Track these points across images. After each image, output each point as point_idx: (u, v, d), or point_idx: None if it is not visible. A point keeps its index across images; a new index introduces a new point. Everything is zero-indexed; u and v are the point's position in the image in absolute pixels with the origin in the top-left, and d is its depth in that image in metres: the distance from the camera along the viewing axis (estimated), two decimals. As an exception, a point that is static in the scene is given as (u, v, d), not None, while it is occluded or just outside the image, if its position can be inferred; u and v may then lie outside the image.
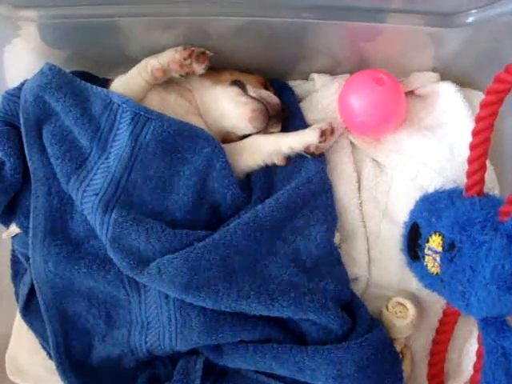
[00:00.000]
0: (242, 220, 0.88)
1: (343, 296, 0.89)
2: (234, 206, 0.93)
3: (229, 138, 1.00)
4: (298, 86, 1.07)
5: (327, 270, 0.90)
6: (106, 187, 0.87)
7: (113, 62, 1.04)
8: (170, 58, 0.92)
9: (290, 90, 1.07)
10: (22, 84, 0.96)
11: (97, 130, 0.91)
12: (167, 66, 0.93)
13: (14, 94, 0.94)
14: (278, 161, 0.96)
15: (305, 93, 1.05)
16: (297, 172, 0.96)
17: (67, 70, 1.03)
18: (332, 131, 0.94)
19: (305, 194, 0.92)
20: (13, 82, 0.98)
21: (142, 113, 0.89)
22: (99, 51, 1.03)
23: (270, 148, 0.95)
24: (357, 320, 0.88)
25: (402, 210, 0.90)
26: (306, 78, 1.07)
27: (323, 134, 0.92)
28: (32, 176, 0.94)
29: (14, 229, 0.98)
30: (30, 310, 0.99)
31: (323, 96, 1.00)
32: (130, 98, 0.90)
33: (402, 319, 0.88)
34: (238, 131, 0.97)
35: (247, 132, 0.96)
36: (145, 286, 0.89)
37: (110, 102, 0.91)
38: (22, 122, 0.93)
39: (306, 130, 0.94)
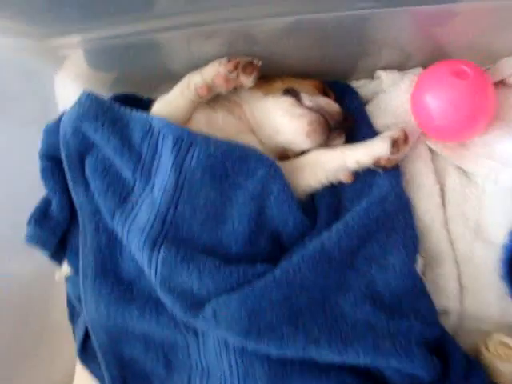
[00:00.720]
0: (306, 251, 0.76)
1: (431, 335, 0.75)
2: (297, 233, 0.81)
3: (286, 154, 0.88)
4: (362, 86, 0.92)
5: (410, 305, 0.76)
6: (152, 223, 0.79)
7: (157, 81, 0.96)
8: (213, 72, 0.82)
9: (354, 92, 0.93)
10: (62, 116, 0.89)
11: (138, 160, 0.82)
12: (212, 81, 0.82)
13: (54, 128, 0.88)
14: (345, 178, 0.83)
15: (371, 94, 0.91)
16: (367, 190, 0.83)
17: (111, 94, 0.98)
18: (405, 139, 0.80)
19: (378, 215, 0.78)
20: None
21: (184, 137, 0.79)
22: (142, 70, 0.95)
23: (333, 164, 0.82)
24: (449, 363, 0.74)
25: (498, 229, 0.75)
26: (372, 77, 0.92)
27: (395, 143, 0.78)
28: (79, 212, 0.88)
29: (66, 269, 0.92)
30: (87, 353, 0.93)
31: (392, 97, 0.85)
32: (172, 122, 0.81)
33: (507, 363, 0.72)
34: (295, 147, 0.85)
35: (306, 147, 0.84)
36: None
37: (150, 127, 0.83)
38: (63, 155, 0.87)
39: (375, 140, 0.80)
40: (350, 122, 0.84)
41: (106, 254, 0.86)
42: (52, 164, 0.89)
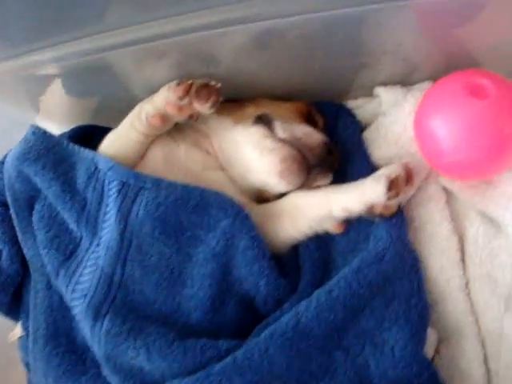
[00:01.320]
0: (277, 327, 0.60)
1: None
2: (272, 300, 0.65)
3: (263, 196, 0.71)
4: (360, 107, 0.74)
5: (414, 400, 0.58)
6: (96, 286, 0.66)
7: (120, 107, 0.81)
8: (164, 99, 0.67)
9: (349, 114, 0.75)
10: (6, 155, 0.77)
11: (82, 209, 0.69)
12: (164, 110, 0.67)
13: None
14: (333, 228, 0.66)
15: (370, 116, 0.72)
16: (363, 241, 0.65)
17: (79, 124, 0.85)
18: (408, 178, 0.61)
19: (372, 279, 0.60)
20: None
21: (131, 181, 0.65)
22: (103, 97, 0.82)
23: (316, 211, 0.65)
24: None
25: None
26: (371, 94, 0.73)
27: (393, 184, 0.59)
28: (30, 266, 0.75)
29: (19, 329, 0.80)
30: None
31: (393, 120, 0.66)
32: (117, 163, 0.67)
33: None
34: (269, 189, 0.68)
35: (280, 190, 0.67)
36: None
37: (96, 169, 0.69)
38: (9, 201, 0.75)
39: (367, 181, 0.62)
40: (335, 157, 0.66)
41: (58, 316, 0.73)
42: (2, 210, 0.78)
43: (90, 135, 0.82)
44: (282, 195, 0.69)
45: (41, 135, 0.73)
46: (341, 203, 0.62)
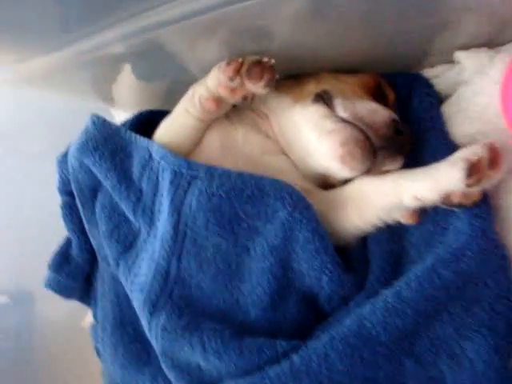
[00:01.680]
0: (338, 330, 0.54)
1: None
2: (337, 297, 0.59)
3: (328, 182, 0.64)
4: (438, 75, 0.63)
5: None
6: (152, 280, 0.64)
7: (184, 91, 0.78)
8: (216, 80, 0.62)
9: (425, 85, 0.64)
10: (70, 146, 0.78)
11: (138, 199, 0.67)
12: (218, 92, 0.62)
13: (63, 160, 0.77)
14: (404, 219, 0.58)
15: (451, 86, 0.61)
16: (440, 234, 0.56)
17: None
18: (493, 161, 0.50)
19: (449, 279, 0.52)
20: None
21: (183, 170, 0.62)
22: (168, 80, 0.79)
23: (385, 200, 0.57)
24: None
25: None
26: (451, 60, 0.62)
27: (473, 169, 0.50)
28: (97, 255, 0.76)
29: (90, 317, 0.82)
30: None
31: (477, 90, 0.56)
32: (170, 151, 0.63)
33: None
34: (332, 175, 0.61)
35: (345, 176, 0.59)
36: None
37: (150, 158, 0.66)
38: (75, 192, 0.75)
39: (442, 166, 0.52)
40: (406, 137, 0.57)
41: (124, 305, 0.73)
42: (70, 200, 0.79)
43: (152, 121, 0.79)
44: (347, 181, 0.62)
45: (100, 124, 0.71)
46: (412, 191, 0.54)
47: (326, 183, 0.65)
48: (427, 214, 0.57)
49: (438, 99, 0.62)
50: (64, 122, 0.82)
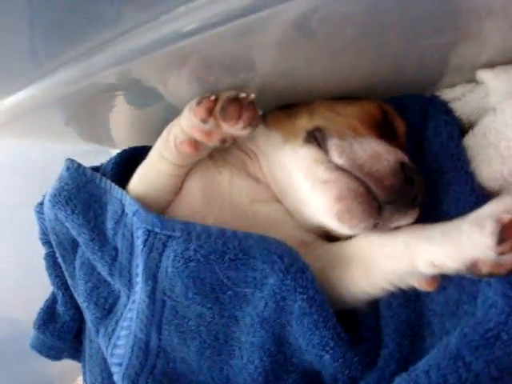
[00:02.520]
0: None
1: None
2: (343, 378, 0.49)
3: (330, 233, 0.54)
4: (458, 98, 0.51)
5: None
6: (130, 354, 0.56)
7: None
8: (189, 121, 0.52)
9: (443, 110, 0.52)
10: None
11: (113, 260, 0.59)
12: (192, 135, 0.53)
13: (41, 210, 0.69)
14: (420, 285, 0.46)
15: (474, 111, 0.49)
16: (467, 303, 0.45)
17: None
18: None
19: (483, 369, 0.40)
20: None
21: (157, 229, 0.52)
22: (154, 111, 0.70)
23: (394, 265, 0.46)
24: None
25: None
26: (474, 79, 0.50)
27: (506, 232, 0.38)
28: (83, 313, 0.68)
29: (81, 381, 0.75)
30: None
31: (509, 121, 0.43)
32: (143, 206, 0.54)
33: None
34: (331, 230, 0.50)
35: (345, 233, 0.49)
36: None
37: (123, 212, 0.58)
38: (54, 245, 0.68)
39: (466, 225, 0.41)
40: (419, 186, 0.45)
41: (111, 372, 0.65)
42: (51, 252, 0.71)
43: (138, 159, 0.70)
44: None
45: (74, 171, 0.64)
46: (428, 257, 0.42)
47: (329, 234, 0.55)
48: (450, 277, 0.46)
49: (458, 129, 0.49)
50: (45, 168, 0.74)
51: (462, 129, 0.50)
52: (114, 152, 0.73)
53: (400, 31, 0.46)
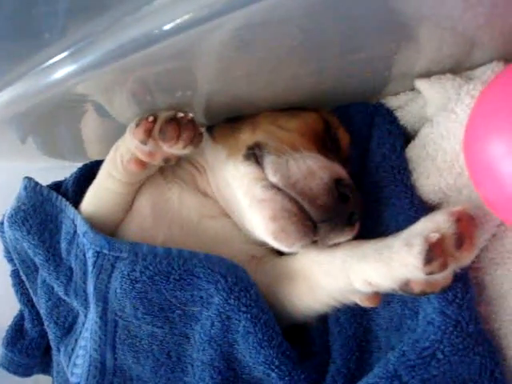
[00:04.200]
0: None
1: None
2: (290, 393, 0.48)
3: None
4: (401, 106, 0.50)
5: None
6: (87, 373, 0.56)
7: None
8: (132, 142, 0.51)
9: (387, 120, 0.51)
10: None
11: (68, 280, 0.59)
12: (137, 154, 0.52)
13: (1, 229, 0.69)
14: (362, 302, 0.45)
15: (416, 120, 0.48)
16: (409, 318, 0.45)
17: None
18: (465, 236, 0.37)
19: (423, 377, 0.40)
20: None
21: (105, 250, 0.52)
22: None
23: (334, 282, 0.45)
24: None
25: None
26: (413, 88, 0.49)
27: (435, 252, 0.37)
28: (47, 329, 0.68)
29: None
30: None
31: (444, 133, 0.42)
32: (91, 227, 0.54)
33: None
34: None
35: (285, 250, 0.48)
36: None
37: (75, 232, 0.57)
38: (17, 263, 0.68)
39: (396, 244, 0.40)
40: (355, 202, 0.44)
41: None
42: (16, 269, 0.72)
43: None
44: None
45: (31, 190, 0.63)
46: (363, 275, 0.42)
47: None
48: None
49: (402, 139, 0.48)
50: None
51: (407, 138, 0.49)
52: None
53: (340, 42, 0.45)
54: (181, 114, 0.48)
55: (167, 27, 0.39)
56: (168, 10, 0.39)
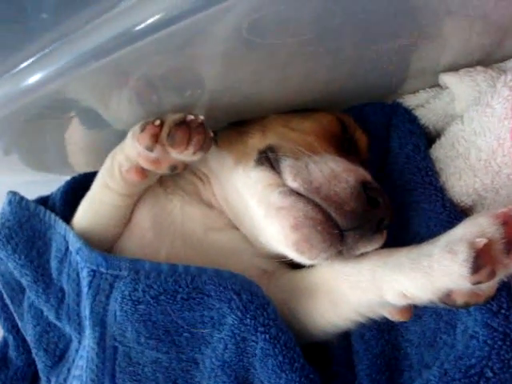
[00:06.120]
0: None
1: None
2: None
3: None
4: (422, 105, 0.47)
5: None
6: (84, 408, 0.49)
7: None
8: (134, 148, 0.47)
9: (407, 119, 0.48)
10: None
11: (60, 302, 0.54)
12: (138, 162, 0.47)
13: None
14: (391, 315, 0.41)
15: (440, 119, 0.45)
16: (445, 333, 0.41)
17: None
18: None
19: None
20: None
21: (102, 269, 0.47)
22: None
23: (361, 296, 0.41)
24: None
25: None
26: (437, 84, 0.46)
27: (482, 260, 0.34)
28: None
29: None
30: None
31: (478, 129, 0.39)
32: (85, 243, 0.49)
33: None
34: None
35: (305, 263, 0.44)
36: None
37: (67, 250, 0.52)
38: (0, 286, 0.62)
39: (436, 252, 0.36)
40: (385, 208, 0.40)
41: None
42: (1, 292, 0.65)
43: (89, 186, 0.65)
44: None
45: (16, 205, 0.58)
46: (397, 288, 0.38)
47: (292, 260, 0.50)
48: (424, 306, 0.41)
49: (425, 139, 0.45)
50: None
51: (429, 138, 0.45)
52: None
53: (352, 35, 0.42)
54: (191, 117, 0.44)
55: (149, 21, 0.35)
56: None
